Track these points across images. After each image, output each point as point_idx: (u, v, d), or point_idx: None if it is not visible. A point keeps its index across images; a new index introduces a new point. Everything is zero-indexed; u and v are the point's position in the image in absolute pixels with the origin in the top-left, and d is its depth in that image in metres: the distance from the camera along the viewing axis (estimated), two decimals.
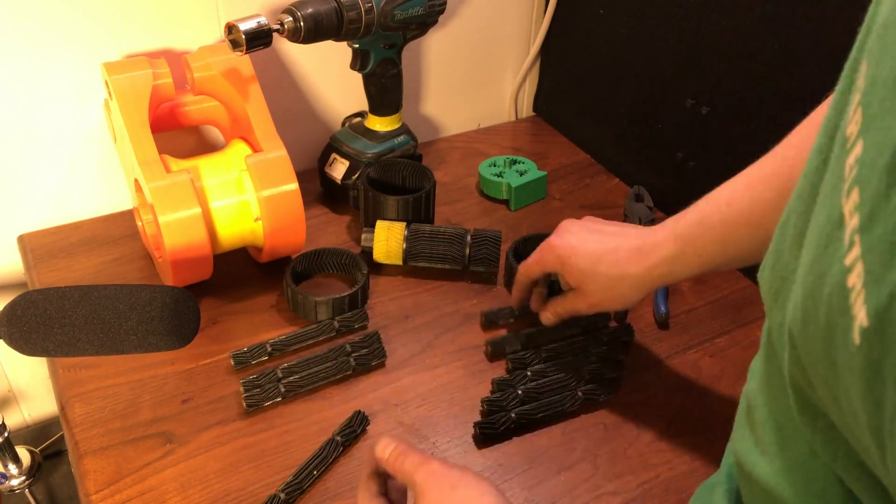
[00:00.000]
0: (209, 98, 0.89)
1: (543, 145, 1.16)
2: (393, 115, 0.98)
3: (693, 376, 0.78)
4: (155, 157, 0.78)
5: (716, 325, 0.85)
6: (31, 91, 0.87)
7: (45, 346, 0.54)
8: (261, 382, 0.73)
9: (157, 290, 0.57)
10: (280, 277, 0.86)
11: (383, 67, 0.93)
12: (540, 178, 1.03)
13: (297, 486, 0.65)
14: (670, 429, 0.73)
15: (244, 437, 0.70)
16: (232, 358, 0.75)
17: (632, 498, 0.67)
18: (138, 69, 0.81)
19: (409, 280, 0.89)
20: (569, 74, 1.15)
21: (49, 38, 0.85)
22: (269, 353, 0.77)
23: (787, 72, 0.81)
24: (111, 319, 0.54)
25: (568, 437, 0.72)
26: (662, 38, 0.95)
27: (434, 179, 0.92)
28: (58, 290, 0.55)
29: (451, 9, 1.08)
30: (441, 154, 1.13)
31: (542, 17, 1.15)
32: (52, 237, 0.92)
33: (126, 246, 0.91)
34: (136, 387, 0.74)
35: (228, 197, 0.81)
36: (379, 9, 0.85)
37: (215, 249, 0.81)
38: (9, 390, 1.03)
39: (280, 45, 0.98)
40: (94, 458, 0.68)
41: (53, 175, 0.93)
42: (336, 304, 0.81)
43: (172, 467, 0.67)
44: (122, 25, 0.88)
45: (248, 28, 0.75)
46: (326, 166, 0.98)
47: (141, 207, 0.86)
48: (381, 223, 0.88)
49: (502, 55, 1.19)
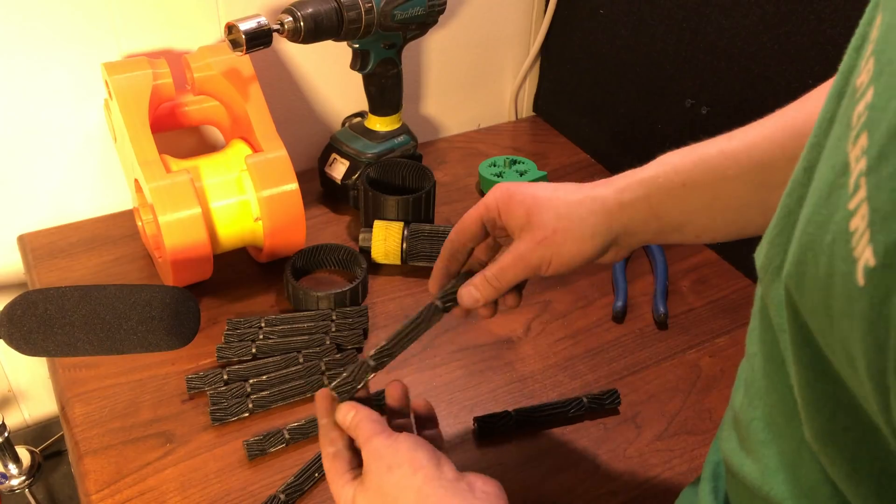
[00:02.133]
0: (209, 98, 0.89)
1: (543, 145, 1.16)
2: (393, 115, 0.98)
3: (693, 376, 0.78)
4: (155, 157, 0.78)
5: (716, 325, 0.85)
6: (31, 91, 0.87)
7: (45, 346, 0.54)
8: (227, 397, 0.72)
9: (157, 290, 0.57)
10: (280, 277, 0.86)
11: (383, 67, 0.93)
12: (540, 178, 1.03)
13: (298, 488, 0.65)
14: (670, 429, 0.73)
15: (244, 437, 0.70)
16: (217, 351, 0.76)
17: (632, 498, 0.67)
18: (138, 69, 0.81)
19: (408, 280, 0.89)
20: (569, 74, 1.15)
21: (49, 38, 0.85)
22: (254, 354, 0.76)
23: (787, 72, 0.81)
24: (111, 319, 0.54)
25: (568, 437, 0.72)
26: (662, 38, 0.95)
27: (434, 179, 0.92)
28: (58, 291, 0.55)
29: (451, 9, 1.08)
30: (441, 154, 1.13)
31: (542, 17, 1.15)
32: (52, 237, 0.92)
33: (126, 246, 0.91)
34: (136, 387, 0.74)
35: (228, 197, 0.81)
36: (379, 9, 0.85)
37: (215, 249, 0.81)
38: (9, 390, 1.03)
39: (280, 45, 0.98)
40: (94, 458, 0.68)
41: (53, 175, 0.93)
42: (337, 299, 0.81)
43: (172, 467, 0.67)
44: (122, 25, 0.88)
45: (248, 28, 0.75)
46: (326, 166, 0.98)
47: (141, 207, 0.86)
48: (378, 223, 0.88)
49: (502, 55, 1.19)
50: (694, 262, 0.94)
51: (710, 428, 0.73)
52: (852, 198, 0.25)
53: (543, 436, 0.72)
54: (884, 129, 0.24)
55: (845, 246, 0.25)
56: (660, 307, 0.84)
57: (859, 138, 0.26)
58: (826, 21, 0.76)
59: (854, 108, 0.27)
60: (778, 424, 0.38)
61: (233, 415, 0.71)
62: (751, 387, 0.41)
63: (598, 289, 0.89)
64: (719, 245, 0.94)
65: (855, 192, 0.25)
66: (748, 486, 0.40)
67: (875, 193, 0.24)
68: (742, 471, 0.40)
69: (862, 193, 0.25)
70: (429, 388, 0.76)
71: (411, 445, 0.50)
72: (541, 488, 0.67)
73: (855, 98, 0.27)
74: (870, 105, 0.26)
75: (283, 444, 0.69)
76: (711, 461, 0.50)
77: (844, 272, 0.25)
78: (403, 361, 0.78)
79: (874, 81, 0.26)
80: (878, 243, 0.23)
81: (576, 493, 0.67)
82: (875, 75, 0.26)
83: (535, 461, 0.70)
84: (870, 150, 0.25)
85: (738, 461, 0.41)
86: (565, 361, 0.80)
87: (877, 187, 0.24)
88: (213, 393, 0.72)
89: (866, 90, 0.26)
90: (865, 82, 0.27)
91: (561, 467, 0.69)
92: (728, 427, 0.44)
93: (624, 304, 0.85)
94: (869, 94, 0.26)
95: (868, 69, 0.27)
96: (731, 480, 0.44)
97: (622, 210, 0.53)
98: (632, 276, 0.90)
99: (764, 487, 0.38)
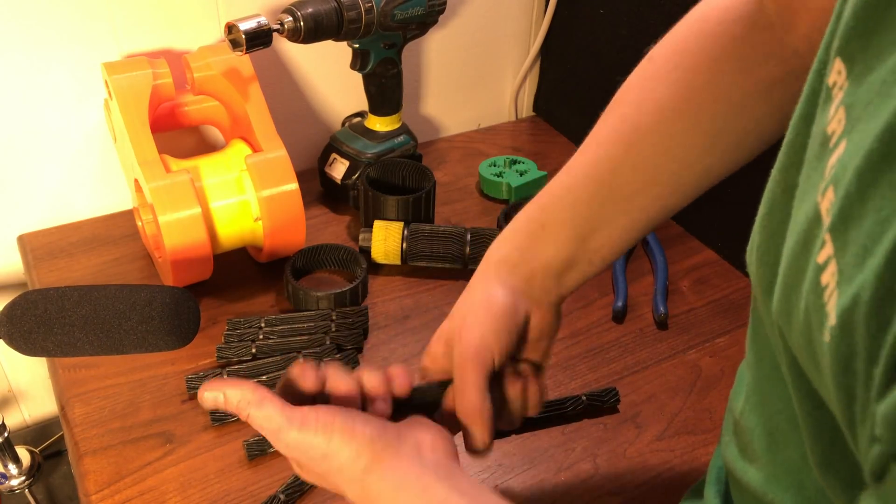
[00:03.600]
0: (209, 98, 0.89)
1: (543, 145, 1.16)
2: (393, 115, 0.98)
3: (693, 376, 0.78)
4: (155, 157, 0.78)
5: (716, 325, 0.85)
6: (31, 91, 0.87)
7: (45, 346, 0.54)
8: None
9: (157, 290, 0.56)
10: (280, 277, 0.86)
11: (383, 67, 0.93)
12: (540, 178, 1.03)
13: (298, 488, 0.65)
14: (670, 429, 0.73)
15: (244, 437, 0.70)
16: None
17: (632, 498, 0.67)
18: (138, 69, 0.81)
19: (408, 280, 0.89)
20: (569, 74, 1.15)
21: (49, 38, 0.85)
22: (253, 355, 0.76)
23: None
24: (111, 319, 0.54)
25: (568, 437, 0.72)
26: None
27: (434, 179, 0.92)
28: (57, 291, 0.54)
29: (451, 9, 1.08)
30: (441, 154, 1.13)
31: (542, 17, 1.15)
32: (52, 237, 0.92)
33: (126, 246, 0.91)
34: (136, 387, 0.74)
35: (228, 197, 0.81)
36: (379, 9, 0.85)
37: (215, 249, 0.81)
38: (9, 390, 1.03)
39: (280, 45, 0.98)
40: (94, 458, 0.68)
41: (53, 175, 0.93)
42: (337, 299, 0.81)
43: (172, 467, 0.67)
44: (122, 25, 0.88)
45: (248, 28, 0.75)
46: (326, 166, 0.98)
47: (141, 207, 0.86)
48: (378, 223, 0.88)
49: (502, 55, 1.19)
50: (694, 261, 0.94)
51: (710, 428, 0.73)
52: (821, 251, 0.25)
53: (543, 436, 0.72)
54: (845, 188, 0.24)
55: (818, 300, 0.25)
56: (660, 307, 0.84)
57: (827, 191, 0.26)
58: None
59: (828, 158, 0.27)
60: (780, 433, 0.37)
61: (232, 416, 0.71)
62: (752, 395, 0.41)
63: (599, 289, 0.89)
64: (719, 245, 0.94)
65: (822, 246, 0.25)
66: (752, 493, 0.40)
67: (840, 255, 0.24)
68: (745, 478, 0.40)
69: (829, 250, 0.25)
70: None
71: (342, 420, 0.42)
72: (541, 488, 0.67)
73: (828, 147, 0.27)
74: (839, 159, 0.26)
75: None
76: (716, 465, 0.49)
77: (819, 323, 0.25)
78: (404, 362, 0.78)
79: (846, 135, 0.26)
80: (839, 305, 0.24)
81: (576, 493, 0.67)
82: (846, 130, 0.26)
83: (535, 461, 0.70)
84: (832, 208, 0.25)
85: (740, 468, 0.41)
86: (565, 361, 0.79)
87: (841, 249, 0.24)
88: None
89: (839, 142, 0.26)
90: (838, 133, 0.27)
91: (561, 467, 0.69)
92: (728, 433, 0.44)
93: (624, 303, 0.85)
94: (841, 148, 0.26)
95: (839, 119, 0.27)
96: (734, 486, 0.44)
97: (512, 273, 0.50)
98: (632, 276, 0.90)
99: (768, 495, 0.38)
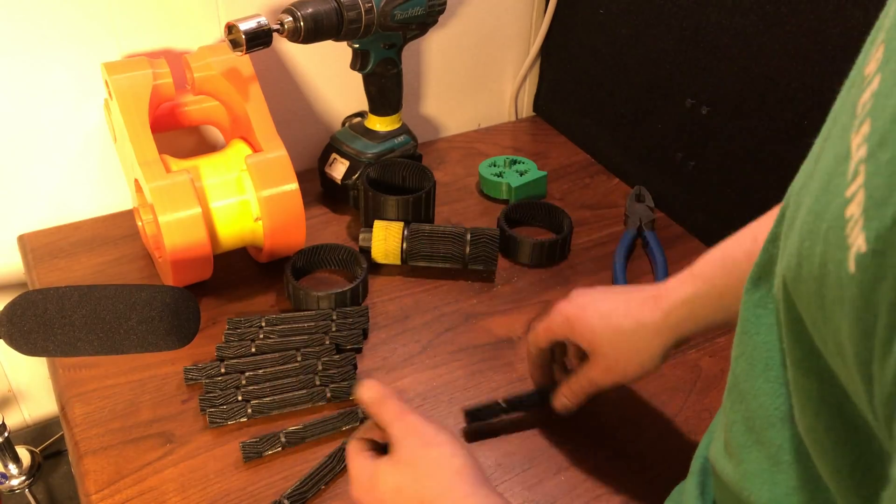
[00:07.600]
0: (209, 98, 0.89)
1: (543, 145, 1.16)
2: (393, 115, 0.98)
3: (693, 376, 0.78)
4: (155, 157, 0.78)
5: None
6: (31, 91, 0.87)
7: (45, 346, 0.54)
8: (222, 387, 0.72)
9: (157, 290, 0.57)
10: (280, 277, 0.86)
11: (383, 67, 0.93)
12: (540, 178, 1.03)
13: (301, 496, 0.65)
14: (670, 429, 0.73)
15: (244, 437, 0.70)
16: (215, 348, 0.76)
17: (632, 498, 0.67)
18: (138, 69, 0.81)
19: (408, 280, 0.89)
20: (569, 74, 1.15)
21: (49, 38, 0.84)
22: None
23: (787, 72, 0.81)
24: (111, 319, 0.54)
25: (568, 436, 0.72)
26: (662, 38, 0.95)
27: (434, 179, 0.92)
28: (57, 291, 0.54)
29: (451, 9, 1.08)
30: (441, 154, 1.13)
31: (542, 17, 1.15)
32: (52, 237, 0.92)
33: (126, 246, 0.91)
34: (136, 387, 0.74)
35: (228, 197, 0.81)
36: (379, 9, 0.85)
37: (215, 249, 0.81)
38: (9, 390, 1.03)
39: (280, 45, 0.98)
40: (94, 458, 0.68)
41: (53, 175, 0.93)
42: (337, 299, 0.81)
43: (172, 467, 0.67)
44: (122, 25, 0.88)
45: (248, 28, 0.75)
46: (326, 166, 0.98)
47: (141, 207, 0.86)
48: (378, 223, 0.88)
49: (502, 55, 1.19)
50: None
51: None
52: (850, 185, 0.25)
53: (543, 435, 0.72)
54: (888, 115, 0.24)
55: (840, 233, 0.25)
56: None
57: (862, 126, 0.26)
58: (826, 21, 0.76)
59: (860, 96, 0.27)
60: (758, 429, 0.38)
61: (231, 418, 0.71)
62: (733, 390, 0.41)
63: None
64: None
65: (853, 179, 0.25)
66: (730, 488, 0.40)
67: (872, 179, 0.24)
68: (724, 473, 0.41)
69: (860, 180, 0.25)
70: (429, 388, 0.76)
71: (447, 429, 0.52)
72: (541, 488, 0.67)
73: (862, 87, 0.27)
74: (875, 92, 0.26)
75: (280, 447, 0.69)
76: (700, 455, 0.50)
77: (838, 260, 0.25)
78: (404, 362, 0.78)
79: (881, 69, 0.26)
80: (870, 230, 0.23)
81: (576, 493, 0.67)
82: (883, 63, 0.26)
83: (535, 461, 0.70)
84: (871, 136, 0.25)
85: (721, 463, 0.41)
86: None
87: (874, 173, 0.24)
88: (209, 382, 0.72)
89: (873, 78, 0.26)
90: (873, 70, 0.27)
91: (561, 467, 0.69)
92: (718, 429, 0.45)
93: None
94: (875, 82, 0.26)
95: (877, 58, 0.27)
96: (716, 481, 0.44)
97: (671, 331, 0.60)
98: (632, 276, 0.90)
99: (744, 492, 0.38)
